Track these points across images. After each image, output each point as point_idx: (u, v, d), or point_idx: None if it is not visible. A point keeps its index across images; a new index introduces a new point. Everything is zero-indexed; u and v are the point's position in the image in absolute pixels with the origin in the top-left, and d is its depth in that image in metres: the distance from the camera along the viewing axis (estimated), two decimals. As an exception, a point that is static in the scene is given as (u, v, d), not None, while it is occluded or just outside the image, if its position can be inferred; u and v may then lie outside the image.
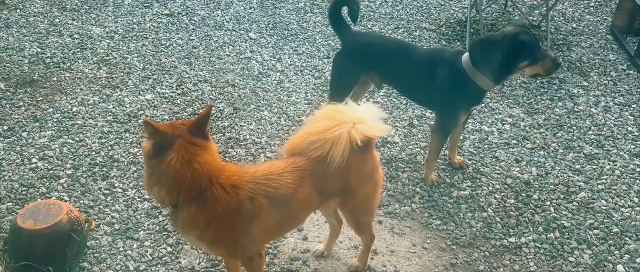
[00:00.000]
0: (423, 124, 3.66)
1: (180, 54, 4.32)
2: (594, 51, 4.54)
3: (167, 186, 1.91)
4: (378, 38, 3.50)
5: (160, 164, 1.89)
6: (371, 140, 2.23)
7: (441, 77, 2.91)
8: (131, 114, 3.62)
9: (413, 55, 3.01)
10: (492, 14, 5.12)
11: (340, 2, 3.06)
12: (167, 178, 1.89)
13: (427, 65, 2.95)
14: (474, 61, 2.80)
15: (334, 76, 3.25)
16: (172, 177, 1.89)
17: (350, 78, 3.15)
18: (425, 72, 2.96)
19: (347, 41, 3.14)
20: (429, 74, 2.94)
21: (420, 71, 2.97)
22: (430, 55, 3.03)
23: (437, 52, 3.15)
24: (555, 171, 3.29)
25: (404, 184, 3.17)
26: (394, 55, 3.04)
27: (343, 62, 3.14)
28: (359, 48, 3.10)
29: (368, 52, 3.07)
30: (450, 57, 2.92)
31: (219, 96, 3.86)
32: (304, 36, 4.67)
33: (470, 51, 2.83)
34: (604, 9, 5.22)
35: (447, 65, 2.89)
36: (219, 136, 3.48)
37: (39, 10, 4.81)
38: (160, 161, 1.88)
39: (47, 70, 4.02)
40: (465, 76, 2.83)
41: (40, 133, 3.41)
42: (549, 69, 2.84)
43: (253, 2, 5.20)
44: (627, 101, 3.92)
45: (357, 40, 3.15)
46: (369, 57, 3.07)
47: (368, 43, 3.14)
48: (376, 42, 3.17)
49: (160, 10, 4.94)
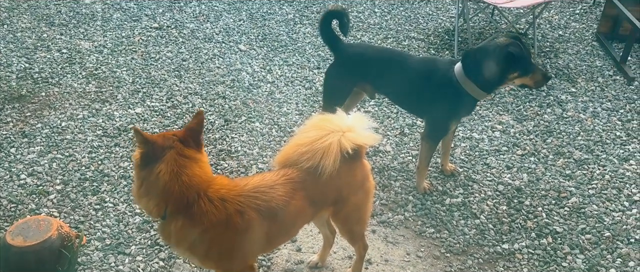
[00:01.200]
0: (414, 132, 3.67)
1: (170, 66, 4.31)
2: (580, 57, 4.60)
3: (155, 197, 1.90)
4: (369, 48, 3.52)
5: (149, 175, 1.87)
6: (361, 148, 2.23)
7: (433, 85, 2.94)
8: (121, 127, 3.60)
9: (405, 64, 3.03)
10: (479, 23, 5.17)
11: (331, 15, 3.09)
12: (155, 189, 1.88)
13: (419, 74, 2.98)
14: (466, 71, 2.83)
15: (326, 88, 3.26)
16: (160, 188, 1.87)
17: (343, 89, 3.16)
18: (417, 81, 2.98)
19: (339, 53, 3.16)
20: (421, 82, 2.97)
21: (412, 80, 3.00)
22: (422, 64, 3.05)
23: (429, 61, 3.18)
24: (545, 177, 3.31)
25: (396, 193, 3.17)
26: (386, 64, 3.06)
27: (335, 73, 3.15)
28: (351, 59, 3.12)
29: (360, 63, 3.09)
30: (443, 67, 2.95)
31: (210, 108, 3.85)
32: (294, 47, 4.68)
33: (463, 61, 2.86)
34: (588, 16, 5.29)
35: (440, 75, 2.92)
36: (210, 148, 3.46)
37: (27, 25, 4.78)
38: (149, 172, 1.87)
39: (35, 85, 3.99)
40: (457, 85, 2.85)
41: (29, 148, 3.38)
42: (537, 81, 2.85)
43: (242, 14, 5.21)
44: (614, 106, 3.97)
45: (349, 51, 3.17)
46: (361, 67, 3.10)
47: (359, 54, 3.15)
48: (367, 52, 3.19)
49: (149, 23, 4.93)
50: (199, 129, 1.96)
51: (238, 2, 5.43)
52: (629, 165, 3.41)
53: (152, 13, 5.11)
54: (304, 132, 2.21)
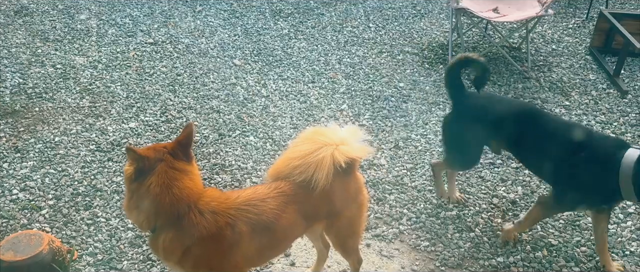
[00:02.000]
0: (408, 146, 3.67)
1: (164, 81, 4.31)
2: (574, 71, 4.62)
3: (146, 210, 1.88)
4: (500, 101, 3.07)
5: (140, 188, 1.86)
6: (354, 161, 2.23)
7: (583, 161, 2.52)
8: (114, 142, 3.59)
9: (548, 126, 2.66)
10: (473, 37, 5.20)
11: (464, 63, 2.76)
12: (146, 202, 1.87)
13: (570, 143, 2.56)
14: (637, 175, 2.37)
15: (450, 145, 2.93)
16: (151, 201, 1.86)
17: (474, 147, 2.86)
18: (564, 150, 2.58)
19: (464, 105, 2.81)
20: (569, 153, 2.56)
21: (558, 147, 2.59)
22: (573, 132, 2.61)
23: (583, 131, 2.65)
24: (540, 189, 3.30)
25: (391, 206, 3.16)
26: (522, 123, 2.69)
27: (461, 129, 2.82)
28: (479, 113, 2.76)
29: (489, 118, 2.73)
30: (605, 146, 2.52)
31: (204, 122, 3.85)
32: (288, 62, 4.70)
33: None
34: (581, 30, 5.33)
35: (599, 154, 2.49)
36: (204, 162, 3.45)
37: (21, 40, 4.79)
38: (140, 185, 1.86)
39: (29, 100, 3.98)
40: (615, 177, 2.41)
41: (22, 164, 3.36)
42: None
43: (237, 29, 5.23)
44: (608, 119, 3.98)
45: (477, 104, 2.80)
46: (490, 123, 2.73)
47: (489, 107, 2.79)
48: (499, 105, 2.84)
49: (144, 38, 4.95)
50: (189, 141, 1.96)
51: (233, 18, 5.46)
52: (623, 177, 3.40)
53: (147, 29, 5.12)
54: (297, 146, 2.20)
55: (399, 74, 4.56)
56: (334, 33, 5.23)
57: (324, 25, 5.38)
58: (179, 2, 5.74)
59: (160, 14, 5.44)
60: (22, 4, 5.46)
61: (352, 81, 4.43)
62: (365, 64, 4.69)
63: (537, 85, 4.40)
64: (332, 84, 4.38)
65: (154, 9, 5.53)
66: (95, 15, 5.32)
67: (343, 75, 4.52)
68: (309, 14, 5.60)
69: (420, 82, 4.43)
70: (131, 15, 5.35)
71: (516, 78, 4.48)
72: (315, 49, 4.92)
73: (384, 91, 4.30)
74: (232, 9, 5.65)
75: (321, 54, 4.84)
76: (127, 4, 5.58)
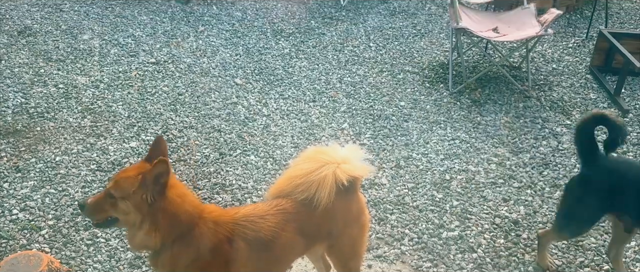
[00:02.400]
0: (409, 165, 3.66)
1: (166, 100, 4.33)
2: (574, 90, 4.63)
3: (162, 229, 1.89)
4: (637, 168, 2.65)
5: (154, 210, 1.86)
6: (356, 181, 2.22)
7: None
8: (115, 161, 3.58)
9: None
10: (473, 57, 5.23)
11: (598, 121, 2.51)
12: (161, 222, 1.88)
13: None
14: None
15: (570, 211, 2.65)
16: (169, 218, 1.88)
17: (591, 213, 2.59)
18: None
19: (595, 168, 2.52)
20: None
21: None
22: None
23: None
24: (542, 209, 3.29)
25: (392, 226, 3.14)
26: None
27: (583, 191, 2.55)
28: (614, 180, 2.46)
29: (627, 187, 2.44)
30: None
31: (205, 141, 3.85)
32: (289, 81, 4.71)
33: None
34: (581, 49, 5.36)
35: None
36: (205, 182, 3.44)
37: (24, 60, 4.82)
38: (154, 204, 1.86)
39: (31, 120, 3.99)
40: None
41: (22, 183, 3.35)
42: None
43: (239, 49, 5.27)
44: (609, 138, 3.97)
45: (612, 169, 2.50)
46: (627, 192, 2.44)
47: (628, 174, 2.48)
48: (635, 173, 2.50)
49: (146, 58, 4.97)
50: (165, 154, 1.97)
51: (235, 38, 5.50)
52: (626, 197, 3.38)
53: (150, 48, 5.16)
54: (298, 164, 2.20)
55: (400, 93, 4.57)
56: (335, 52, 5.26)
57: (324, 44, 5.42)
58: (182, 22, 5.79)
59: (163, 34, 5.48)
60: (26, 24, 5.51)
61: (353, 100, 4.44)
62: (366, 83, 4.71)
63: (538, 104, 4.41)
64: (333, 103, 4.39)
65: (157, 29, 5.58)
66: (98, 36, 5.36)
67: (344, 94, 4.53)
68: (310, 34, 5.64)
69: (421, 101, 4.44)
70: (134, 36, 5.39)
71: (517, 97, 4.49)
72: (316, 68, 4.94)
73: (385, 110, 4.30)
74: (233, 29, 5.69)
75: (322, 73, 4.86)
76: (130, 24, 5.63)
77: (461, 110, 4.31)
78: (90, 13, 5.90)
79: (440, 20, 6.06)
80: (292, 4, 6.49)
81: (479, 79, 4.70)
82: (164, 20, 5.82)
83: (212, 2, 6.43)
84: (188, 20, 5.85)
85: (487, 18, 4.89)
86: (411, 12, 6.30)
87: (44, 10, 5.93)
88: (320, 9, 6.35)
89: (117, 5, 6.20)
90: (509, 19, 4.76)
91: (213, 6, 6.31)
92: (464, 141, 3.91)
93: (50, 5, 6.08)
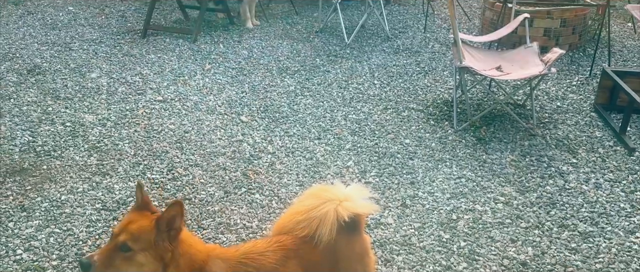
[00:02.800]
0: (416, 204, 3.64)
1: (172, 138, 4.35)
2: (579, 128, 4.63)
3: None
4: None
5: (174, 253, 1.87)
6: (359, 219, 2.21)
7: None
8: (120, 200, 3.58)
9: None
10: (477, 94, 5.26)
11: None
12: (180, 264, 1.88)
13: None
14: None
15: None
16: (188, 263, 1.88)
17: None
18: None
19: None
20: None
21: None
22: None
23: None
24: (551, 250, 3.24)
25: (399, 268, 3.10)
26: None
27: None
28: None
29: None
30: None
31: (210, 180, 3.85)
32: (295, 118, 4.74)
33: None
34: (585, 87, 5.38)
35: None
36: (209, 221, 3.43)
37: (33, 99, 4.88)
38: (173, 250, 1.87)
39: (38, 158, 4.02)
40: None
41: (27, 223, 3.35)
42: None
43: (245, 86, 5.32)
44: (616, 177, 3.95)
45: None
46: None
47: None
48: None
49: (153, 96, 5.03)
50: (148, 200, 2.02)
51: (241, 75, 5.56)
52: (635, 238, 3.34)
53: (157, 86, 5.22)
54: (301, 201, 2.22)
55: (405, 130, 4.58)
56: (340, 90, 5.30)
57: (329, 82, 5.47)
58: (189, 60, 5.88)
59: (170, 72, 5.55)
60: (36, 62, 5.60)
61: (358, 138, 4.45)
62: (371, 121, 4.73)
63: (544, 142, 4.40)
64: (338, 141, 4.40)
65: (164, 67, 5.65)
66: (106, 74, 5.43)
67: (349, 131, 4.55)
68: (315, 71, 5.70)
69: (426, 139, 4.44)
70: (141, 74, 5.46)
71: (522, 135, 4.49)
72: (321, 106, 4.98)
73: (390, 148, 4.31)
74: (240, 67, 5.76)
75: (327, 111, 4.89)
76: (138, 63, 5.71)
77: (466, 148, 4.31)
78: (98, 52, 6.01)
79: (443, 58, 6.13)
80: (298, 42, 6.59)
81: (483, 116, 4.72)
82: (172, 58, 5.91)
83: (219, 41, 6.54)
84: (195, 59, 5.93)
85: (490, 57, 4.94)
86: (415, 50, 6.37)
87: (53, 49, 6.04)
88: (325, 47, 6.44)
89: (126, 44, 6.32)
90: (512, 58, 4.80)
91: (220, 44, 6.42)
92: (470, 180, 3.90)
93: (60, 44, 6.21)
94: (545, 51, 4.68)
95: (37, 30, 6.70)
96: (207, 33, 6.78)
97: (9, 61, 5.73)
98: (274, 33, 6.91)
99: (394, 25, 7.22)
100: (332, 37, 6.78)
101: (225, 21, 7.17)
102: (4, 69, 5.52)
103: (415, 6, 8.06)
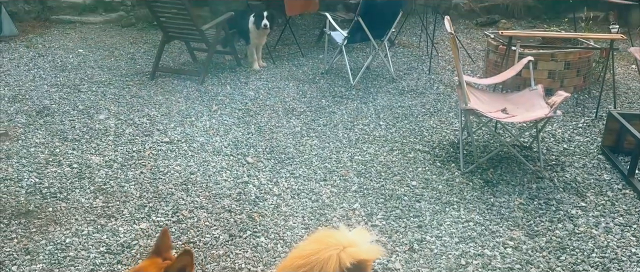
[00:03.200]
0: (423, 248, 3.58)
1: (178, 180, 4.35)
2: (587, 171, 4.60)
3: None
4: None
5: None
6: (364, 265, 2.18)
7: None
8: (124, 243, 3.55)
9: None
10: (483, 136, 5.25)
11: None
12: None
13: None
14: None
15: None
16: None
17: None
18: None
19: None
20: None
21: None
22: None
23: None
24: (562, 297, 3.17)
25: (406, 315, 3.03)
26: None
27: None
28: None
29: None
30: None
31: (215, 222, 3.82)
32: (300, 159, 4.74)
33: None
34: (592, 129, 5.37)
35: None
36: (214, 266, 3.38)
37: (41, 140, 4.91)
38: None
39: (43, 200, 4.01)
40: None
41: (31, 266, 3.31)
42: None
43: (251, 127, 5.35)
44: (627, 221, 3.89)
45: None
46: None
47: None
48: None
49: (160, 137, 5.06)
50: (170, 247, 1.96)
51: (247, 116, 5.60)
52: (649, 284, 3.27)
53: (164, 128, 5.25)
54: (304, 246, 2.19)
55: (411, 172, 4.56)
56: (345, 130, 5.32)
57: (335, 123, 5.49)
58: (196, 101, 5.93)
59: (178, 113, 5.60)
60: (44, 104, 5.67)
61: (364, 179, 4.43)
62: (377, 162, 4.72)
63: (552, 185, 4.37)
64: (344, 182, 4.38)
65: (172, 108, 5.71)
66: (114, 115, 5.49)
67: (355, 173, 4.54)
68: (321, 112, 5.74)
69: (433, 181, 4.42)
70: (149, 115, 5.51)
71: (529, 178, 4.46)
72: (327, 146, 4.98)
73: (397, 190, 4.28)
74: (246, 108, 5.81)
75: (333, 152, 4.89)
76: (145, 104, 5.77)
77: (474, 190, 4.28)
78: (107, 94, 6.09)
79: (448, 99, 6.16)
80: (304, 83, 6.66)
81: (490, 158, 4.70)
82: (179, 99, 5.98)
83: (226, 82, 6.62)
84: (202, 100, 5.99)
85: (495, 99, 4.96)
86: (420, 91, 6.42)
87: (62, 90, 6.13)
88: (331, 88, 6.50)
89: (134, 85, 6.41)
90: (517, 100, 4.82)
91: (227, 86, 6.49)
92: (478, 223, 3.85)
93: (69, 86, 6.30)
94: (550, 93, 4.69)
95: (47, 72, 6.81)
96: (215, 75, 6.86)
97: (19, 102, 5.81)
98: (281, 74, 6.99)
99: (398, 66, 7.30)
100: (338, 78, 6.85)
101: (233, 63, 7.27)
102: (13, 111, 5.59)
103: (419, 48, 8.16)
